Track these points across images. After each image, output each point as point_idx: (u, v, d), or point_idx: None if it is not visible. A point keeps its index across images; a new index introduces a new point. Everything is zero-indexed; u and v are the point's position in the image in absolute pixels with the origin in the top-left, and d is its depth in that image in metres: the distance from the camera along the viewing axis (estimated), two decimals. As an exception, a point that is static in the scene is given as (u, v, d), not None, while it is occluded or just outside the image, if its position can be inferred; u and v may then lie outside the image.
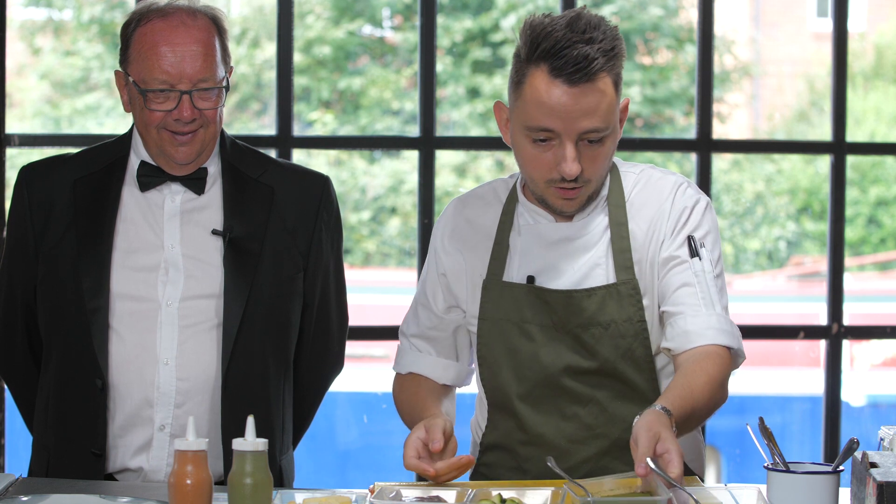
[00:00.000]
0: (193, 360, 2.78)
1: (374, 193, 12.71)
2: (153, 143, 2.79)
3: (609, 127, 2.57)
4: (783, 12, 15.34)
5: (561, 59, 2.52)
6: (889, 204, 13.69)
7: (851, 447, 2.36)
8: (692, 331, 2.58)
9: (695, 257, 2.63)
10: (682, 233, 2.65)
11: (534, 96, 2.56)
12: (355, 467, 7.84)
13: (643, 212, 2.67)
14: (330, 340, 2.99)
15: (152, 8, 2.78)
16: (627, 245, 2.65)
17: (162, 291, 2.79)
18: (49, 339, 2.84)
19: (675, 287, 2.62)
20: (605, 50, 2.53)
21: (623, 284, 2.63)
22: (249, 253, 2.81)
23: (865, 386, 8.44)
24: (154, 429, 2.78)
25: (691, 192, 2.69)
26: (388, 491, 2.38)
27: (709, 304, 2.60)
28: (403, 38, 13.39)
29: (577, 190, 2.61)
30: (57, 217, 2.83)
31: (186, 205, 2.84)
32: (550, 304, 2.65)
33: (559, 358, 2.65)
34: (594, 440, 2.65)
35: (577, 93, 2.53)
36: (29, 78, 13.22)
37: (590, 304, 2.64)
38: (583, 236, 2.68)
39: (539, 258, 2.68)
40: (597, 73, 2.52)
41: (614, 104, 2.57)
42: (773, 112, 15.02)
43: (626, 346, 2.64)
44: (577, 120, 2.54)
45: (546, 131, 2.56)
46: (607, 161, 2.62)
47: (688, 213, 2.66)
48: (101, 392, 2.76)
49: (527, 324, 2.67)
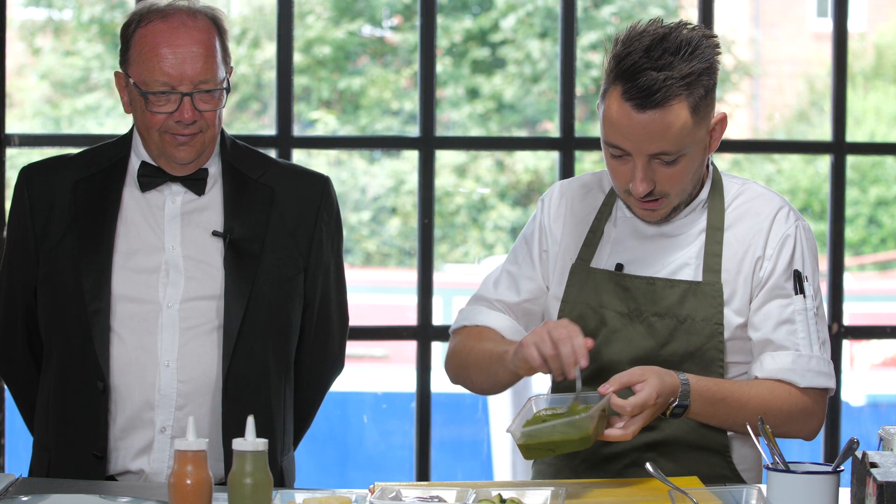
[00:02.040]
0: (194, 361, 2.78)
1: (374, 193, 12.70)
2: (154, 145, 2.79)
3: (681, 150, 2.58)
4: (783, 12, 15.34)
5: (631, 82, 2.55)
6: (889, 204, 13.68)
7: (851, 447, 2.36)
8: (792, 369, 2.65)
9: (799, 294, 2.66)
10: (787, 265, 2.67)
11: (608, 114, 2.60)
12: (355, 467, 7.84)
13: (741, 223, 2.70)
14: (330, 341, 2.99)
15: (152, 9, 2.78)
16: (719, 250, 2.67)
17: (163, 293, 2.79)
18: (50, 340, 2.83)
19: (776, 321, 2.66)
20: (681, 76, 2.54)
21: (707, 285, 2.65)
22: (250, 254, 2.81)
23: (865, 386, 8.43)
24: (155, 431, 2.78)
25: (792, 216, 2.71)
26: (389, 491, 2.38)
27: (807, 344, 2.66)
28: (403, 39, 13.38)
29: (656, 202, 2.64)
30: (57, 218, 2.82)
31: (187, 206, 2.84)
32: (631, 291, 2.68)
33: (629, 345, 2.68)
34: (644, 431, 2.65)
35: (644, 118, 2.55)
36: (29, 78, 13.21)
37: (670, 295, 2.66)
38: (678, 235, 2.71)
39: (631, 249, 2.72)
40: (665, 101, 2.54)
41: (690, 126, 2.58)
42: (773, 112, 15.02)
43: (699, 343, 2.65)
44: (644, 143, 2.57)
45: (617, 148, 2.60)
46: (685, 178, 2.63)
47: (792, 242, 2.68)
48: (103, 394, 2.75)
49: (603, 308, 2.70)
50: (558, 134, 4.18)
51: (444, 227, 12.71)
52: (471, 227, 12.84)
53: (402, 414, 7.81)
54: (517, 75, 13.01)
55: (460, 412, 7.30)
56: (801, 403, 2.64)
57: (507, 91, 13.02)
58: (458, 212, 12.97)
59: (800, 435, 2.68)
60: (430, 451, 4.17)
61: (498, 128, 12.90)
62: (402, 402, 7.72)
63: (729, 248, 2.68)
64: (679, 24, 2.61)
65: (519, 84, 13.01)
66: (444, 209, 12.73)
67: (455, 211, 12.95)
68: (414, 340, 4.18)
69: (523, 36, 12.96)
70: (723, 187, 2.73)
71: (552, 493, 2.39)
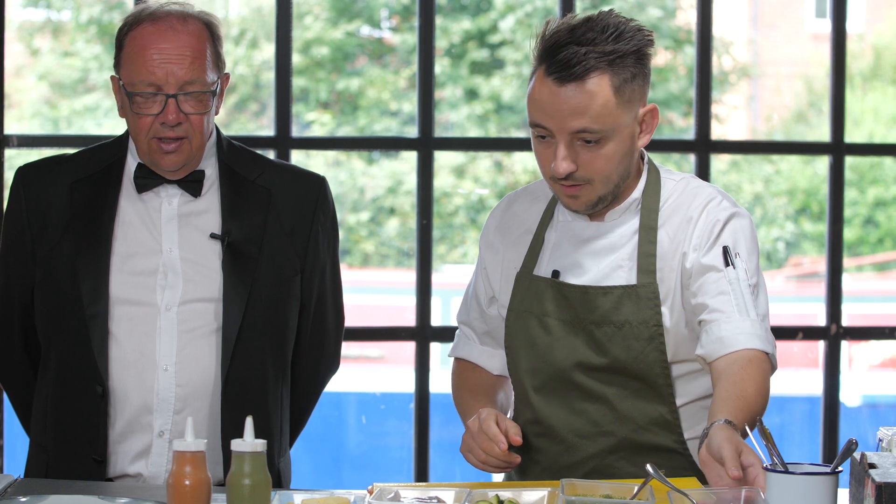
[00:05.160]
0: (193, 365, 2.77)
1: (373, 194, 12.71)
2: (143, 152, 2.78)
3: (605, 129, 2.57)
4: (782, 13, 15.34)
5: (553, 58, 2.56)
6: (887, 205, 13.69)
7: (850, 448, 2.36)
8: (725, 336, 2.58)
9: (729, 266, 2.63)
10: (717, 244, 2.64)
11: (531, 95, 2.60)
12: (354, 468, 7.85)
13: (673, 219, 2.68)
14: (326, 341, 2.99)
15: (144, 13, 2.77)
16: (653, 250, 2.66)
17: (161, 296, 2.78)
18: (48, 342, 2.83)
19: (710, 296, 2.62)
20: (602, 52, 2.54)
21: (643, 287, 2.64)
22: (248, 257, 2.81)
23: (861, 386, 8.44)
24: (153, 435, 2.78)
25: (726, 204, 2.69)
26: (387, 492, 2.38)
27: (742, 310, 2.60)
28: (402, 39, 13.38)
29: (577, 188, 2.62)
30: (54, 219, 2.82)
31: (183, 208, 2.83)
32: (569, 299, 2.67)
33: (573, 353, 2.67)
34: (600, 437, 2.66)
35: (565, 92, 2.55)
36: (27, 79, 13.21)
37: (605, 302, 2.65)
38: (611, 237, 2.70)
39: (567, 254, 2.71)
40: (585, 74, 2.54)
41: (613, 106, 2.57)
42: (771, 113, 15.02)
43: (639, 348, 2.64)
44: (566, 119, 2.56)
45: (541, 128, 2.59)
46: (612, 163, 2.61)
47: (721, 225, 2.65)
48: (102, 398, 2.75)
49: (547, 317, 2.69)
50: (557, 135, 4.17)
51: (442, 228, 12.72)
52: (469, 228, 12.84)
53: (400, 414, 7.81)
54: (516, 76, 13.02)
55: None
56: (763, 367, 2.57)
57: (505, 92, 13.03)
58: (457, 212, 12.97)
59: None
60: (428, 451, 4.17)
61: (496, 129, 12.91)
62: (401, 403, 7.73)
63: (662, 247, 2.66)
64: (609, 11, 2.62)
65: (517, 85, 13.02)
66: (443, 210, 12.74)
67: (454, 212, 12.95)
68: (412, 341, 4.18)
69: (522, 37, 12.96)
70: (660, 185, 2.71)
71: (549, 493, 2.39)
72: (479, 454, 2.57)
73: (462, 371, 2.87)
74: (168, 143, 2.75)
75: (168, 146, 2.75)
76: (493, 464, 2.57)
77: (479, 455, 2.57)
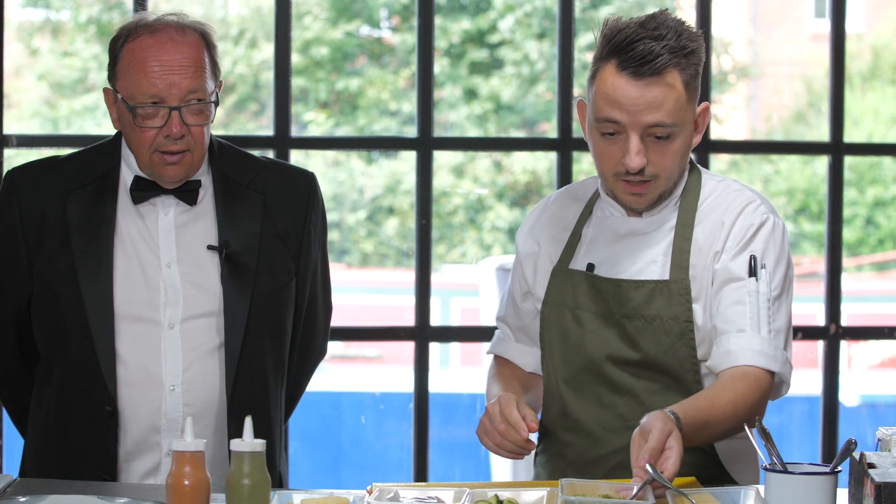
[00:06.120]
0: (199, 385, 2.76)
1: (372, 194, 12.70)
2: (145, 164, 2.77)
3: (677, 124, 2.60)
4: (781, 13, 15.34)
5: (628, 52, 2.58)
6: (887, 205, 13.69)
7: (849, 448, 2.36)
8: (732, 350, 2.60)
9: (752, 277, 2.64)
10: (745, 251, 2.66)
11: (602, 89, 2.61)
12: (353, 468, 7.84)
13: (710, 218, 2.70)
14: (316, 334, 3.00)
15: (141, 23, 2.75)
16: (688, 247, 2.67)
17: (163, 313, 2.77)
18: (49, 355, 2.80)
19: (727, 305, 2.63)
20: (673, 47, 2.58)
21: (675, 283, 2.65)
22: (246, 268, 2.79)
23: (860, 386, 8.44)
24: (161, 454, 2.77)
25: (763, 209, 2.71)
26: (387, 492, 2.38)
27: (755, 325, 2.61)
28: (401, 39, 13.38)
29: (644, 185, 2.64)
30: (50, 231, 2.78)
31: (180, 217, 2.81)
32: (602, 292, 2.69)
33: (604, 345, 2.69)
34: (627, 431, 2.65)
35: (642, 86, 2.58)
36: (27, 79, 13.21)
37: (637, 296, 2.66)
38: (648, 232, 2.72)
39: (603, 249, 2.74)
40: (664, 68, 2.58)
41: (683, 101, 2.61)
42: (770, 113, 15.03)
43: (670, 343, 2.65)
44: (642, 113, 2.58)
45: (613, 123, 2.61)
46: (677, 159, 2.65)
47: (753, 230, 2.67)
48: (112, 418, 2.74)
49: (580, 310, 2.72)
50: (556, 135, 4.18)
51: (441, 228, 12.72)
52: (468, 228, 12.84)
53: (399, 414, 7.82)
54: (515, 76, 13.02)
55: (458, 413, 7.30)
56: (755, 385, 2.57)
57: (504, 92, 13.03)
58: (456, 212, 12.98)
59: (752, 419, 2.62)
60: (427, 451, 4.17)
61: (496, 128, 12.91)
62: (400, 403, 7.73)
63: (697, 245, 2.68)
64: (665, 11, 2.65)
65: (517, 85, 13.02)
66: (442, 210, 12.74)
67: (453, 211, 12.95)
68: (411, 341, 4.18)
69: (521, 37, 12.96)
70: (700, 185, 2.74)
71: (548, 493, 2.39)
72: (495, 437, 2.57)
73: (496, 366, 2.89)
74: (171, 155, 2.74)
75: (171, 158, 2.74)
76: (507, 448, 2.57)
77: (496, 438, 2.57)
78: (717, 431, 2.54)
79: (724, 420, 2.52)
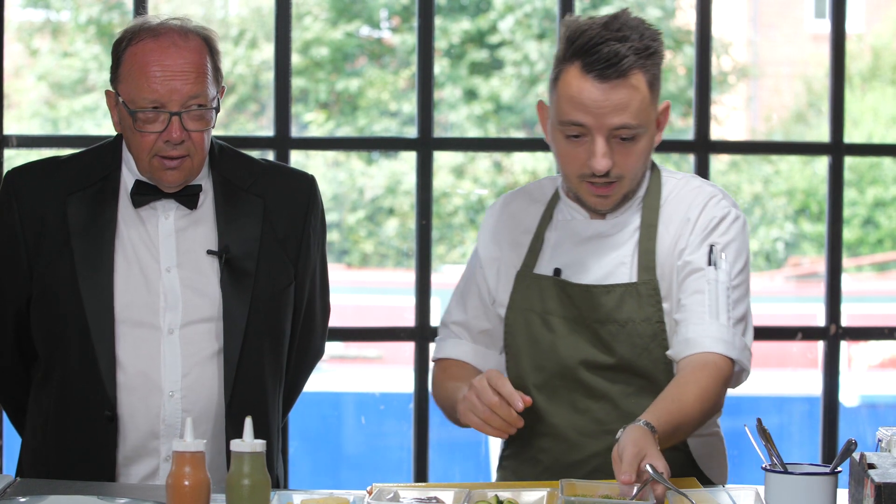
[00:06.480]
0: (197, 391, 2.76)
1: (372, 194, 12.70)
2: (144, 168, 2.77)
3: (642, 125, 2.60)
4: (781, 14, 15.35)
5: (593, 55, 2.57)
6: (887, 205, 13.69)
7: (849, 448, 2.36)
8: (691, 338, 2.60)
9: (710, 266, 2.63)
10: (705, 242, 2.66)
11: (566, 92, 2.60)
12: (353, 468, 7.84)
13: (674, 216, 2.70)
14: (314, 336, 2.99)
15: (144, 27, 2.74)
16: (653, 247, 2.67)
17: (163, 318, 2.77)
18: (49, 357, 2.80)
19: (687, 294, 2.63)
20: (637, 48, 2.58)
21: (643, 284, 2.65)
22: (246, 273, 2.79)
23: (860, 386, 8.44)
24: (160, 459, 2.77)
25: (725, 203, 2.70)
26: (386, 492, 2.38)
27: (714, 313, 2.60)
28: (401, 40, 13.38)
29: (610, 186, 2.64)
30: (50, 233, 2.77)
31: (180, 221, 2.80)
32: (572, 298, 2.68)
33: (577, 351, 2.68)
34: (604, 436, 2.66)
35: (607, 88, 2.57)
36: (27, 79, 13.21)
37: (608, 301, 2.66)
38: (613, 234, 2.71)
39: (568, 252, 2.72)
40: (628, 70, 2.57)
41: (647, 102, 2.61)
42: (770, 113, 15.03)
43: (643, 345, 2.65)
44: (608, 115, 2.58)
45: (577, 126, 2.60)
46: (641, 160, 2.65)
47: (715, 222, 2.67)
48: (111, 423, 2.74)
49: (549, 315, 2.70)
50: (556, 135, 4.17)
51: (441, 228, 12.72)
52: (468, 228, 12.84)
53: (399, 415, 7.82)
54: (515, 76, 13.03)
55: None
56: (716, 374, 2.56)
57: (505, 92, 13.03)
58: (456, 213, 12.98)
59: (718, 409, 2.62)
60: (427, 452, 4.17)
61: (496, 129, 12.91)
62: (400, 403, 7.73)
63: (662, 244, 2.68)
64: (625, 10, 2.64)
65: (517, 85, 13.03)
66: (442, 210, 12.74)
67: (453, 212, 12.96)
68: (411, 341, 4.18)
69: (521, 37, 12.97)
70: (661, 184, 2.73)
71: (548, 493, 2.39)
72: (483, 412, 2.48)
73: (446, 368, 2.81)
74: (170, 160, 2.73)
75: (171, 163, 2.73)
76: (495, 424, 2.48)
77: (484, 413, 2.48)
78: (688, 431, 2.56)
79: (694, 418, 2.53)
